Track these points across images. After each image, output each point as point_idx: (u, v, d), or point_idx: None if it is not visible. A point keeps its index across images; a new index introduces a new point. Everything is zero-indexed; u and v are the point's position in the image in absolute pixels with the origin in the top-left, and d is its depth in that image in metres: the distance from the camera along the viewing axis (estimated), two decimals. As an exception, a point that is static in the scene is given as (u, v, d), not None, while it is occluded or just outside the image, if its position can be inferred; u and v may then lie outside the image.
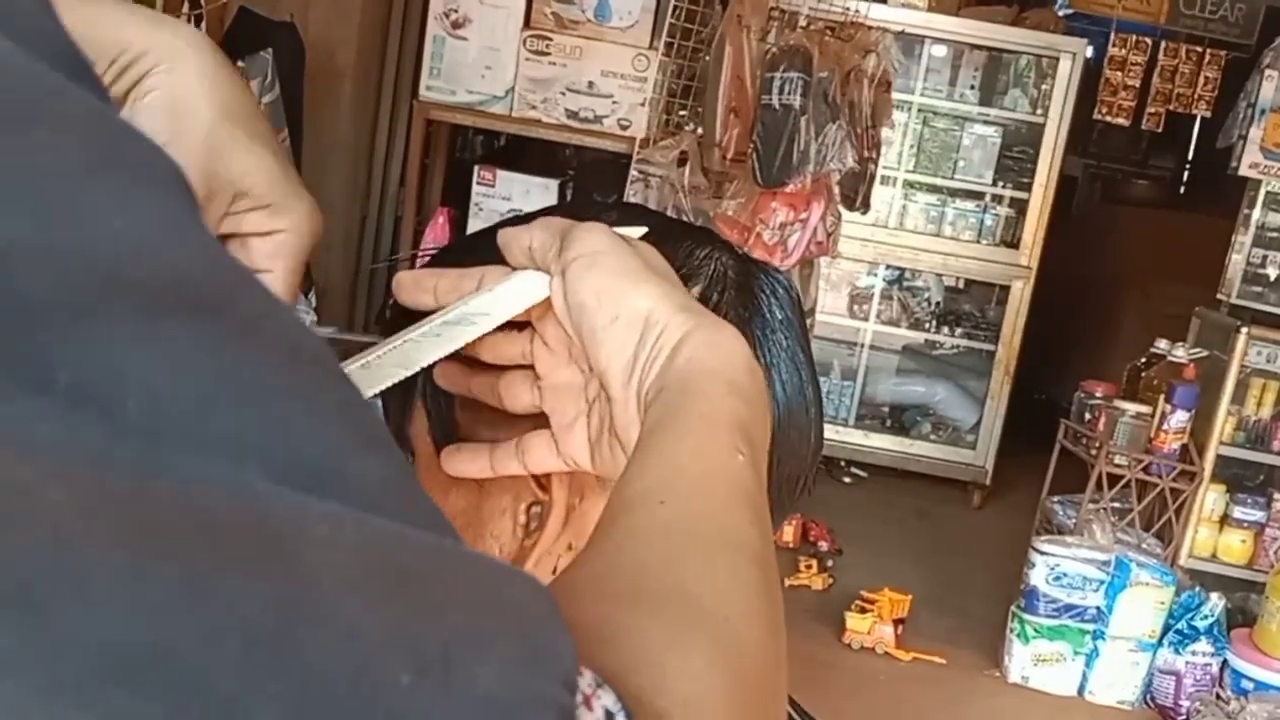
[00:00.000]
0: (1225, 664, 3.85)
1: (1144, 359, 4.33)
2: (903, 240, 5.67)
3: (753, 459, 0.52)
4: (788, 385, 0.66)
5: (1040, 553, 3.87)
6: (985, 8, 5.75)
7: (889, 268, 5.81)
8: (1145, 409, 4.14)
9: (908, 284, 5.93)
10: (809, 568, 4.43)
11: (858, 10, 3.97)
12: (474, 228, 3.46)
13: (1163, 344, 4.26)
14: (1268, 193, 4.23)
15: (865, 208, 4.18)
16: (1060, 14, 6.34)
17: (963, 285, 6.05)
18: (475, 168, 3.59)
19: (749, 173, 3.47)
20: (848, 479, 5.63)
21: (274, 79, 2.94)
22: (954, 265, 5.75)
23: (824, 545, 4.67)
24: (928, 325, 5.88)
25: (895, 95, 4.24)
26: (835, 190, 3.75)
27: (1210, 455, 4.18)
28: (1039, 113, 5.63)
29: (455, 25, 3.48)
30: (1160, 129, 6.81)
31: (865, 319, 5.79)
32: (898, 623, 3.99)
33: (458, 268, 0.65)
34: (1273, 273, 4.24)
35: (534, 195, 3.51)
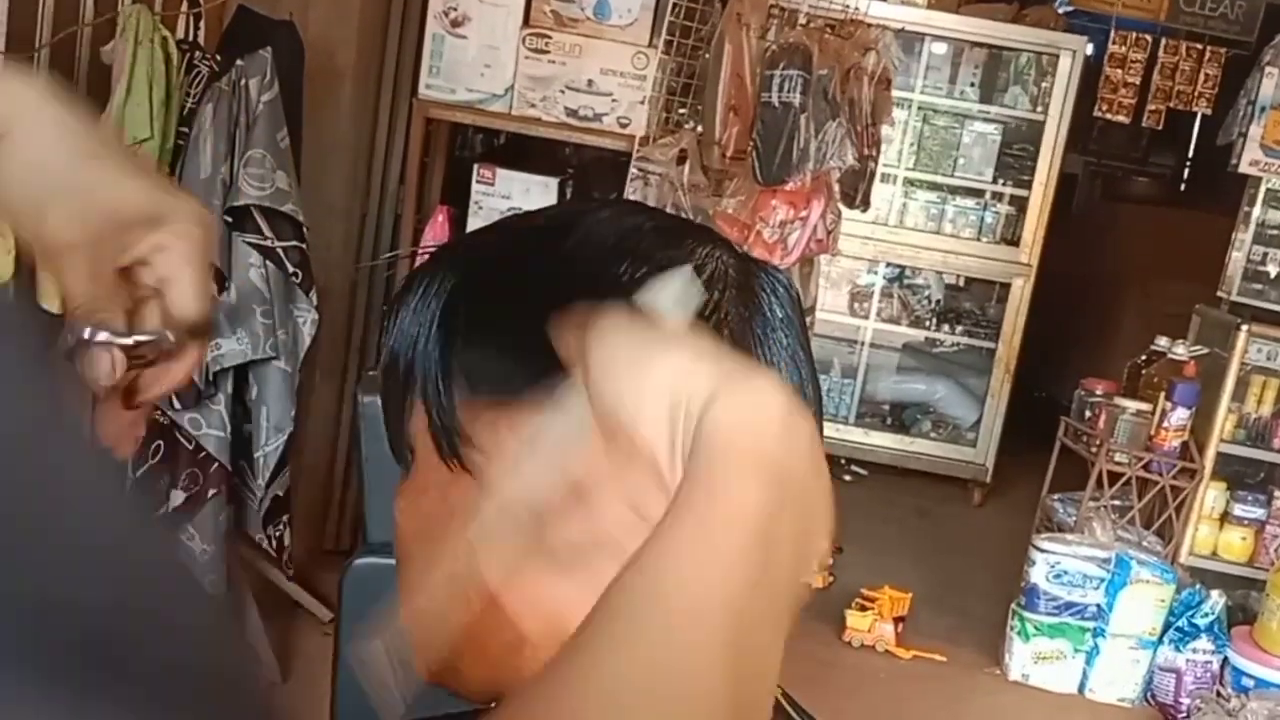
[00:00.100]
0: (1226, 661, 3.85)
1: (1144, 356, 4.33)
2: (903, 238, 5.67)
3: (767, 561, 0.49)
4: (788, 384, 0.66)
5: (1041, 550, 3.87)
6: (985, 5, 5.75)
7: (889, 265, 5.81)
8: (1146, 406, 4.14)
9: (908, 282, 5.93)
10: (809, 566, 4.43)
11: (857, 8, 3.96)
12: (474, 226, 3.45)
13: (1163, 341, 4.26)
14: (1268, 190, 4.22)
15: (865, 205, 4.18)
16: (1060, 11, 6.33)
17: (963, 283, 6.05)
18: (475, 166, 3.59)
19: (749, 170, 3.47)
20: (848, 477, 5.63)
21: (273, 78, 2.94)
22: (954, 263, 5.75)
23: (824, 543, 4.67)
24: (928, 323, 5.88)
25: (895, 93, 4.23)
26: (835, 188, 3.74)
27: (1211, 453, 4.18)
28: (1039, 110, 5.63)
29: (454, 24, 3.48)
30: (1160, 126, 6.80)
31: (865, 317, 5.79)
32: (898, 620, 3.99)
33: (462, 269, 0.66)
34: (1273, 270, 4.24)
35: (534, 193, 3.50)
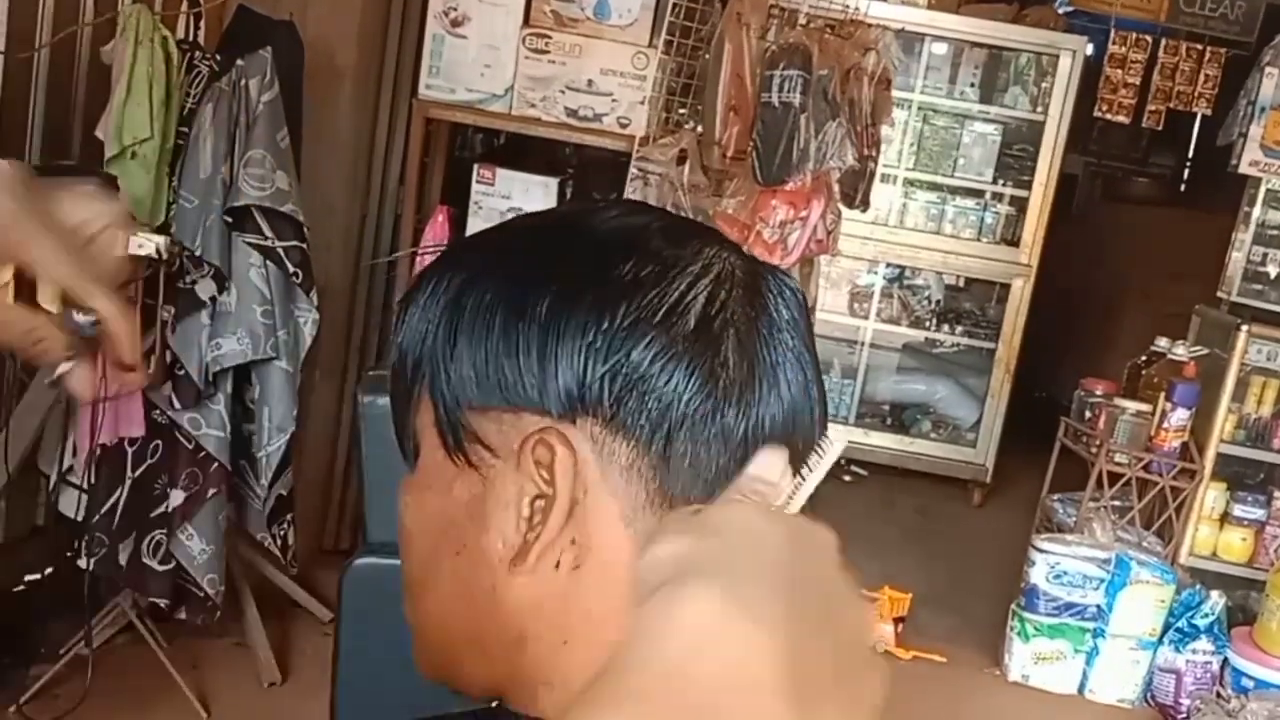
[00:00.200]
0: (1225, 662, 3.85)
1: (1144, 357, 4.33)
2: (903, 238, 5.67)
3: None
4: (793, 385, 0.66)
5: (1040, 551, 3.87)
6: (985, 5, 5.75)
7: (889, 266, 5.81)
8: (1145, 407, 4.14)
9: (908, 282, 5.93)
10: (809, 566, 4.43)
11: (857, 8, 3.96)
12: (474, 226, 3.45)
13: (1163, 342, 4.26)
14: (1268, 190, 4.22)
15: (865, 206, 4.17)
16: (1060, 11, 6.33)
17: (963, 283, 6.05)
18: (475, 166, 3.59)
19: (749, 171, 3.47)
20: (848, 477, 5.63)
21: (273, 78, 2.94)
22: (954, 263, 5.75)
23: (824, 543, 4.67)
24: (928, 323, 5.88)
25: (895, 93, 4.23)
26: (835, 188, 3.74)
27: (1210, 453, 4.18)
28: (1039, 110, 5.63)
29: (454, 23, 3.47)
30: (1160, 127, 6.80)
31: (865, 317, 5.79)
32: (898, 621, 3.99)
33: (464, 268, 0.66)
34: (1273, 270, 4.24)
35: (533, 193, 3.50)
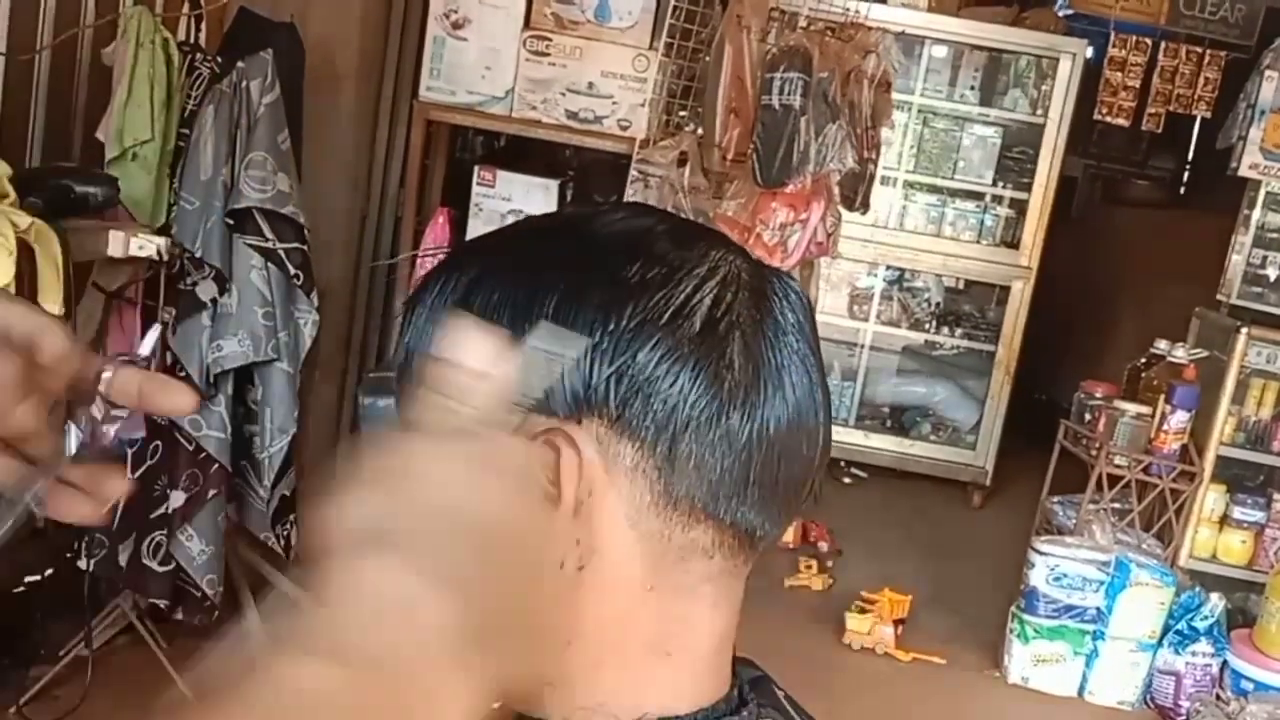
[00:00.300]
0: (1225, 664, 3.85)
1: (1144, 359, 4.33)
2: (903, 241, 5.67)
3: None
4: (798, 388, 0.66)
5: (1040, 553, 3.87)
6: (985, 8, 5.75)
7: (889, 268, 5.81)
8: (1145, 409, 4.14)
9: (908, 284, 5.93)
10: (809, 568, 4.44)
11: (858, 11, 3.97)
12: (474, 228, 3.46)
13: (1163, 344, 4.26)
14: (1268, 193, 4.23)
15: (865, 208, 4.18)
16: (1060, 14, 6.34)
17: (963, 286, 6.05)
18: (475, 168, 3.59)
19: (749, 173, 3.47)
20: (848, 479, 5.63)
21: (274, 79, 2.94)
22: (954, 266, 5.75)
23: (824, 545, 4.67)
24: (928, 326, 5.88)
25: (895, 96, 4.24)
26: (835, 191, 3.75)
27: (1210, 456, 4.18)
28: (1039, 113, 5.64)
29: (455, 26, 3.48)
30: (1160, 129, 6.80)
31: (865, 319, 5.79)
32: (897, 623, 3.99)
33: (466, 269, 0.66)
34: (1273, 273, 4.25)
35: (534, 196, 3.51)
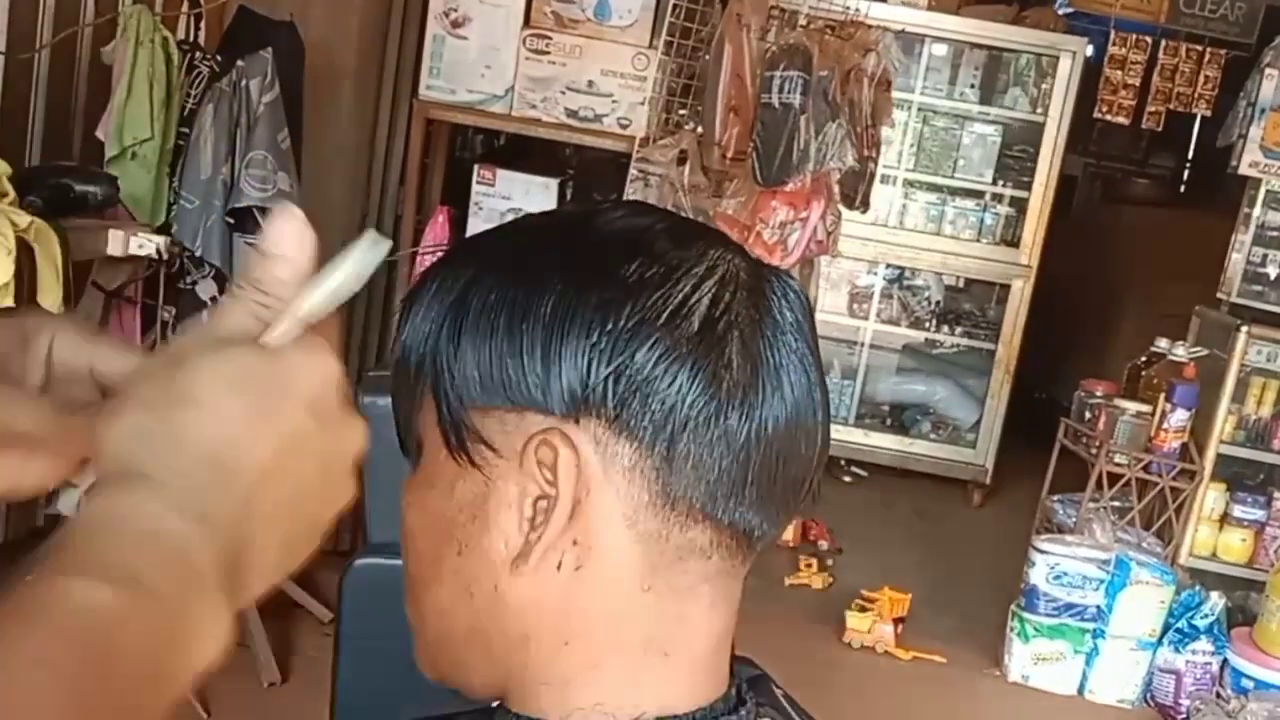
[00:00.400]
0: (1225, 663, 3.85)
1: (1144, 358, 4.32)
2: (903, 239, 5.67)
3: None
4: (796, 387, 0.66)
5: (1040, 551, 3.87)
6: (985, 6, 5.74)
7: (889, 267, 5.81)
8: (1145, 408, 4.14)
9: (908, 283, 5.93)
10: (809, 567, 4.44)
11: (858, 9, 3.97)
12: (474, 227, 3.46)
13: (1163, 343, 4.26)
14: (1268, 191, 4.22)
15: (865, 207, 4.18)
16: (1060, 13, 6.33)
17: (963, 284, 6.05)
18: (475, 167, 3.60)
19: (749, 171, 3.47)
20: (848, 478, 5.64)
21: (274, 78, 2.94)
22: (954, 264, 5.75)
23: (824, 544, 4.67)
24: (928, 324, 5.88)
25: (895, 94, 4.23)
26: (835, 189, 3.75)
27: (1210, 454, 4.18)
28: (1039, 111, 5.63)
29: (455, 24, 3.48)
30: (1160, 128, 6.80)
31: (865, 318, 5.79)
32: (898, 622, 3.99)
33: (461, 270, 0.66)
34: (1273, 271, 4.24)
35: (534, 194, 3.51)
